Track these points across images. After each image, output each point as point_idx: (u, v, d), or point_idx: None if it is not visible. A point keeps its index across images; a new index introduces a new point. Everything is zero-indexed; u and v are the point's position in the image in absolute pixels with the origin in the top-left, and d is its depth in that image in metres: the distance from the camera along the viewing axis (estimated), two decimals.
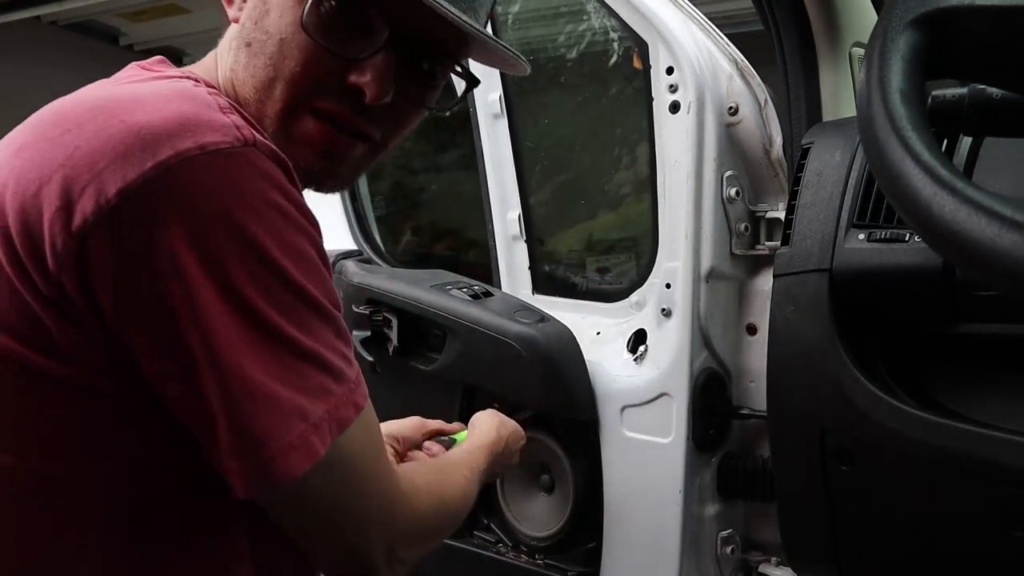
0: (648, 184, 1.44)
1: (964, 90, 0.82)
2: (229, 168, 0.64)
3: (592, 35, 1.62)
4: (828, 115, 1.38)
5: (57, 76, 4.91)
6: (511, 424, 1.20)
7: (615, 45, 1.55)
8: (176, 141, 0.62)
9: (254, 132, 0.67)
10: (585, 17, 1.62)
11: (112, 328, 0.63)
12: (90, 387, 0.66)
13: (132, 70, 0.80)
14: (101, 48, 5.17)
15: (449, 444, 1.20)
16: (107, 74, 0.81)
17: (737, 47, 1.37)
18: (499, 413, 1.22)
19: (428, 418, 1.22)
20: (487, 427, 1.14)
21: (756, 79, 1.34)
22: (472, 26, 0.75)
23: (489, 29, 0.85)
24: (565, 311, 1.56)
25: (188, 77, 0.78)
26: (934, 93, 0.83)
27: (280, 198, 0.67)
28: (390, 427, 1.16)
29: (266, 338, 0.64)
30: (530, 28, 1.79)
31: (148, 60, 0.83)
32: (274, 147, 0.68)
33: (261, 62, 0.78)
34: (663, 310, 1.37)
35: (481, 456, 1.06)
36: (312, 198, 0.79)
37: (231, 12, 0.86)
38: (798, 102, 1.38)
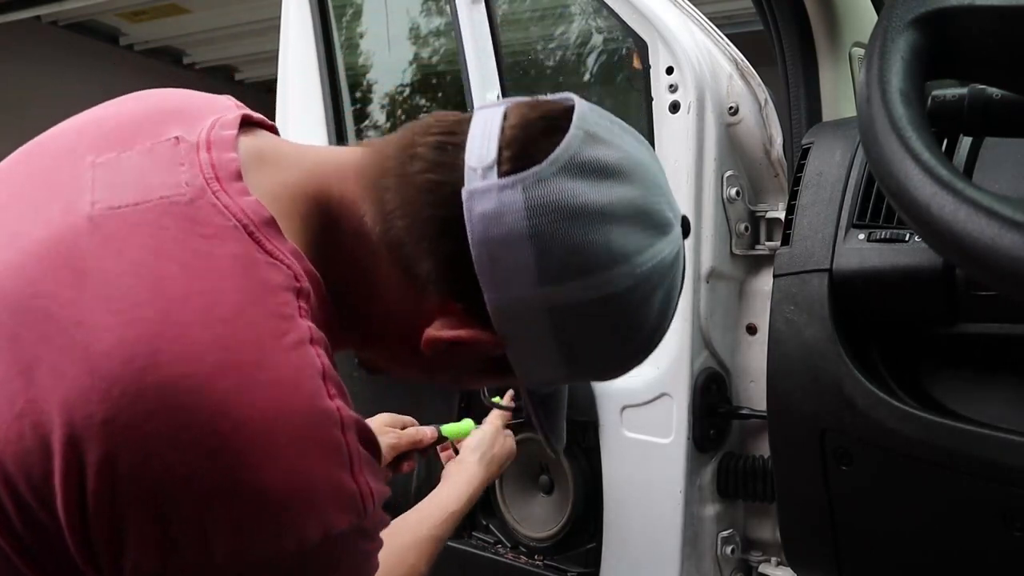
0: None
1: (964, 90, 0.82)
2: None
3: (591, 35, 1.62)
4: (828, 115, 1.38)
5: (57, 76, 4.93)
6: (500, 457, 1.19)
7: (615, 45, 1.55)
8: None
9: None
10: (585, 17, 1.62)
11: None
12: None
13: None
14: (101, 48, 5.18)
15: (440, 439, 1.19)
16: (107, 74, 0.76)
17: (737, 47, 1.37)
18: (492, 438, 1.20)
19: (428, 419, 1.22)
20: (462, 485, 1.12)
21: (756, 79, 1.34)
22: None
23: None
24: None
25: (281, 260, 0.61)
26: (934, 93, 0.83)
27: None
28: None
29: None
30: (529, 27, 1.79)
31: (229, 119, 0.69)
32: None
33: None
34: None
35: (445, 527, 1.05)
36: None
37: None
38: (798, 102, 1.38)
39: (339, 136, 1.96)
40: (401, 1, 2.27)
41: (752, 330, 1.37)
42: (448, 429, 1.22)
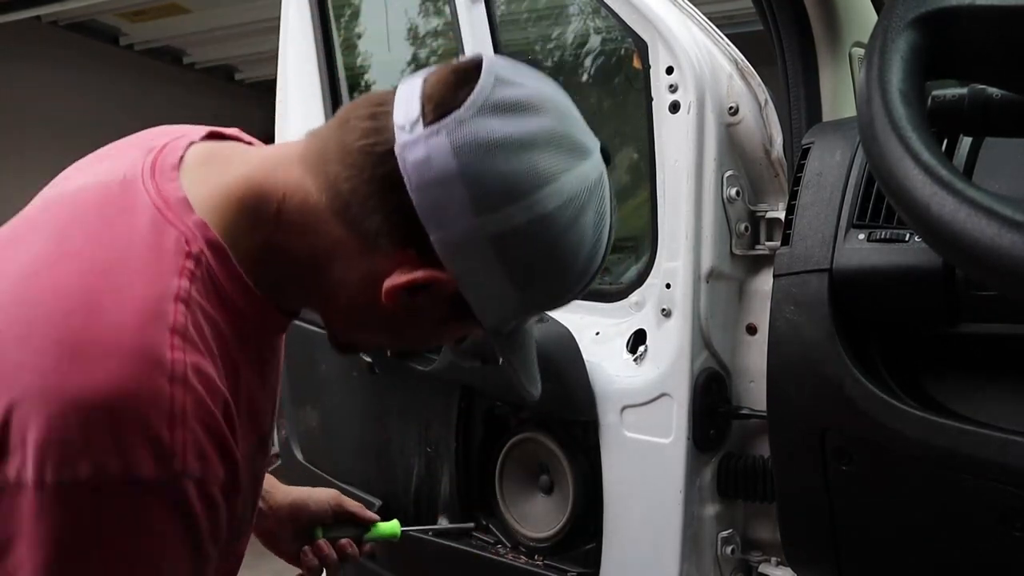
0: (648, 184, 1.44)
1: (964, 90, 0.82)
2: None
3: (591, 35, 1.62)
4: (828, 115, 1.38)
5: (57, 76, 4.92)
6: None
7: (614, 45, 1.55)
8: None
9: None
10: (584, 17, 1.62)
11: None
12: None
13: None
14: (101, 48, 5.18)
15: (359, 536, 1.16)
16: (107, 74, 0.81)
17: (737, 47, 1.37)
18: None
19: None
20: None
21: (756, 79, 1.34)
22: None
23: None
24: (564, 311, 1.56)
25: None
26: (934, 93, 0.83)
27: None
28: (299, 493, 1.14)
29: None
30: (529, 27, 1.79)
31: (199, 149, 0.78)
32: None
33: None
34: (663, 310, 1.37)
35: None
36: None
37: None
38: (798, 102, 1.38)
39: None
40: (400, 1, 2.27)
41: (752, 330, 1.37)
42: (379, 527, 1.19)
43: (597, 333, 1.52)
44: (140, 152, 0.75)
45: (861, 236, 1.04)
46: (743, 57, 1.36)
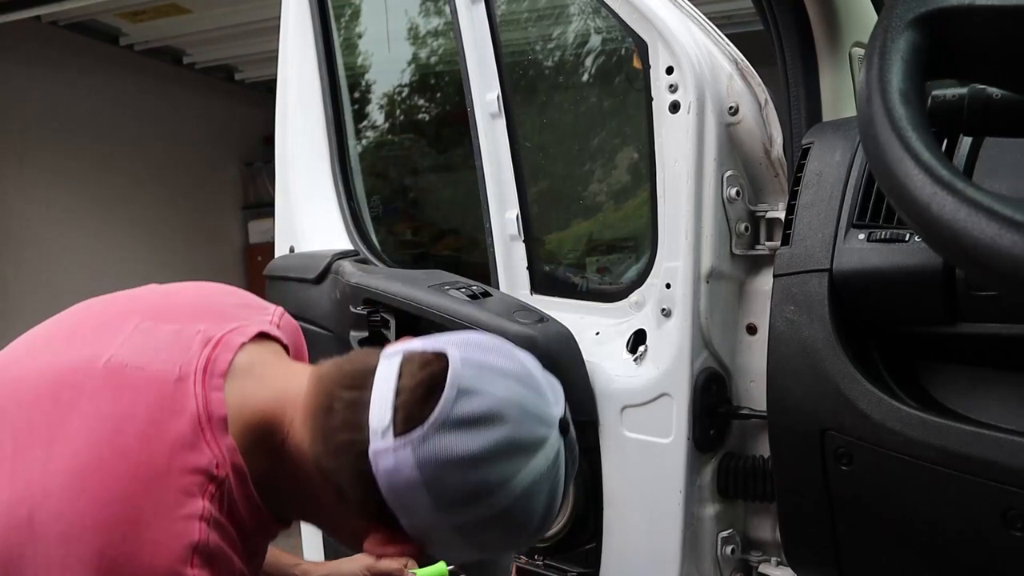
0: (648, 184, 1.44)
1: (964, 90, 0.82)
2: None
3: (591, 35, 1.62)
4: (828, 115, 1.38)
5: (57, 76, 4.92)
6: None
7: (614, 45, 1.55)
8: None
9: None
10: (584, 17, 1.62)
11: None
12: None
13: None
14: (101, 48, 5.18)
15: None
16: (107, 74, 0.82)
17: (737, 47, 1.37)
18: None
19: None
20: None
21: (756, 79, 1.34)
22: None
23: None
24: (564, 311, 1.56)
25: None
26: (934, 93, 0.83)
27: None
28: (329, 567, 1.23)
29: None
30: (529, 27, 1.79)
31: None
32: None
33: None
34: (663, 310, 1.37)
35: None
36: (309, 197, 0.82)
37: None
38: (798, 102, 1.38)
39: (339, 136, 1.96)
40: (401, 1, 2.27)
41: (752, 330, 1.37)
42: (422, 572, 1.22)
43: (597, 333, 1.52)
44: (196, 341, 0.87)
45: (861, 236, 1.04)
46: (743, 57, 1.36)
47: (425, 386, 0.83)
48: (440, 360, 0.85)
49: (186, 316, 0.92)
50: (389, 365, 0.86)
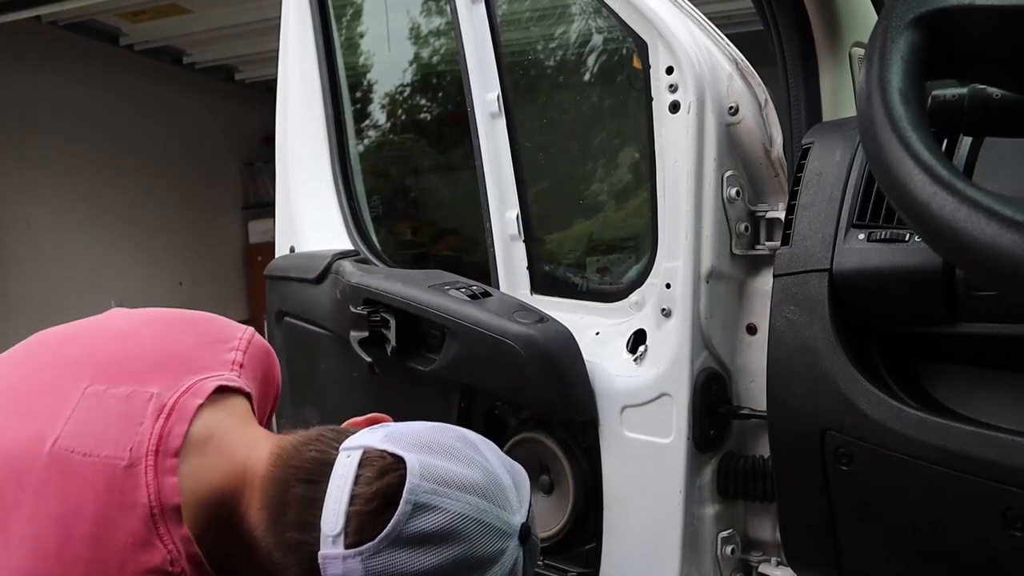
0: (648, 184, 1.44)
1: (964, 90, 0.82)
2: None
3: (592, 34, 1.62)
4: (828, 115, 1.37)
5: (57, 76, 4.92)
6: None
7: (615, 45, 1.55)
8: None
9: None
10: (585, 17, 1.62)
11: None
12: None
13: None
14: (101, 48, 5.18)
15: None
16: (107, 74, 0.82)
17: (737, 47, 1.37)
18: None
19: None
20: None
21: (756, 79, 1.34)
22: None
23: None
24: (564, 311, 1.56)
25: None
26: (934, 93, 0.83)
27: None
28: None
29: None
30: (529, 27, 1.79)
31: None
32: None
33: None
34: (663, 310, 1.37)
35: None
36: (309, 197, 0.81)
37: None
38: (798, 102, 1.38)
39: (339, 136, 1.96)
40: (401, 1, 2.27)
41: (752, 330, 1.37)
42: None
43: (597, 333, 1.52)
44: (148, 411, 0.84)
45: (861, 236, 1.04)
46: (743, 57, 1.36)
47: (380, 497, 0.81)
48: (398, 467, 0.82)
49: (140, 372, 0.89)
50: (348, 464, 0.84)
